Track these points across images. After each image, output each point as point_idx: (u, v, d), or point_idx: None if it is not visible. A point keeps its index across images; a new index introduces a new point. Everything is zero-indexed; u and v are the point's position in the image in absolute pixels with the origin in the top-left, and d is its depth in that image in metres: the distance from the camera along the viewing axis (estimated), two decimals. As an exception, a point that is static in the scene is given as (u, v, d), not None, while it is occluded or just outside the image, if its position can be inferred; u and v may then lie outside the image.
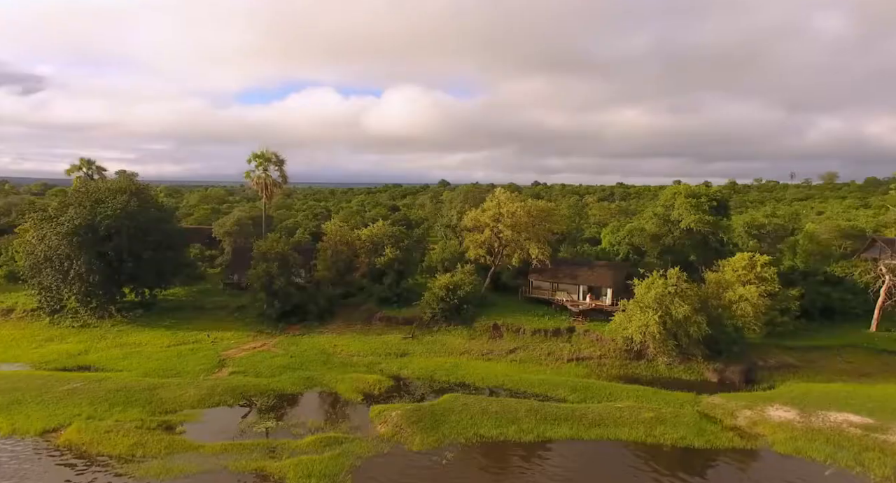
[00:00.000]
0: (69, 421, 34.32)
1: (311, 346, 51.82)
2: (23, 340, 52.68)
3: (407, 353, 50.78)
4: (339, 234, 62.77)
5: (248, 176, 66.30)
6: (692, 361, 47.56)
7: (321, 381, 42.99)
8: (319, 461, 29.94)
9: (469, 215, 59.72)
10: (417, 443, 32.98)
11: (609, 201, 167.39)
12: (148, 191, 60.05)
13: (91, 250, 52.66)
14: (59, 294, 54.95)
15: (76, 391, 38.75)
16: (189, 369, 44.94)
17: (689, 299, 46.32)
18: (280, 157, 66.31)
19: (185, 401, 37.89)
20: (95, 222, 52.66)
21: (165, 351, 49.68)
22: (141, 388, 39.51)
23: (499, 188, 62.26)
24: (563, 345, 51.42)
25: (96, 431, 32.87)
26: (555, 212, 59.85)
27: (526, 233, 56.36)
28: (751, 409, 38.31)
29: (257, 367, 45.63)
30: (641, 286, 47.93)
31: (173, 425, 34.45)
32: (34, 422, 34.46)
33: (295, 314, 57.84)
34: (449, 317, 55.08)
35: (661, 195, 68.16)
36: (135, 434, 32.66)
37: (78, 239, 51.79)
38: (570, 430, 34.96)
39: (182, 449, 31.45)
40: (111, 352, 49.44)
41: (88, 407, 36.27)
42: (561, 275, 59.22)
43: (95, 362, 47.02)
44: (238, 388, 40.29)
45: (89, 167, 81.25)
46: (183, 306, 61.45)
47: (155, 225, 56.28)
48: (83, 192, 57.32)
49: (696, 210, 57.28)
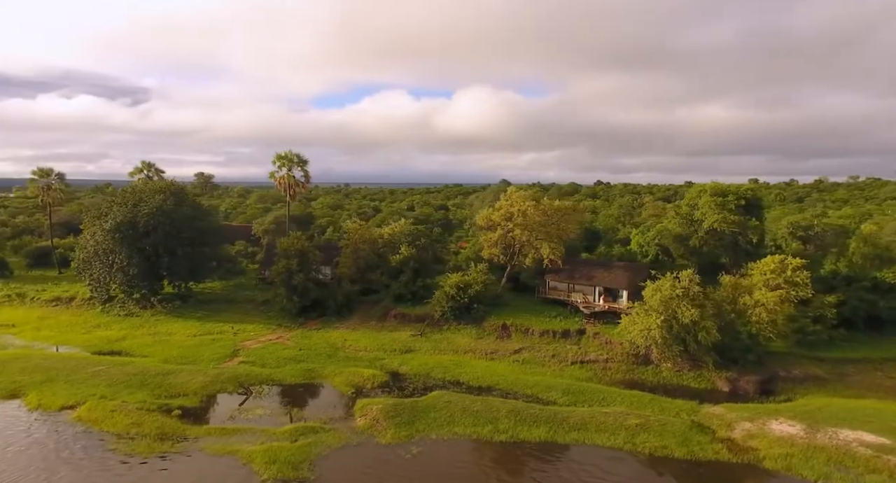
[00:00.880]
0: (85, 399, 37.95)
1: (323, 340, 53.91)
2: (76, 326, 58.44)
3: (412, 350, 51.66)
4: (359, 232, 64.62)
5: (273, 176, 69.75)
6: (703, 369, 45.17)
7: (320, 374, 44.75)
8: (288, 448, 31.42)
9: (481, 214, 59.61)
10: (389, 436, 33.76)
11: (673, 201, 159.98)
12: (184, 192, 64.69)
13: (131, 246, 57.63)
14: (106, 285, 60.46)
15: (100, 373, 42.68)
16: (205, 357, 48.17)
17: (697, 303, 44.07)
18: (302, 158, 69.24)
19: (190, 387, 40.75)
20: (135, 220, 57.53)
21: (190, 340, 53.47)
22: (155, 373, 42.91)
23: (511, 187, 61.67)
24: (570, 347, 50.37)
25: (103, 410, 36.20)
26: (571, 211, 58.45)
27: (537, 232, 55.53)
28: (751, 422, 36.02)
29: (265, 358, 48.15)
30: (650, 288, 46.07)
31: (171, 408, 37.20)
32: (57, 398, 38.42)
33: (315, 309, 60.29)
34: (459, 315, 55.37)
35: (687, 194, 64.70)
36: (135, 415, 35.66)
37: (119, 235, 56.88)
38: (547, 433, 34.43)
39: (171, 430, 34.01)
40: (144, 339, 53.87)
41: (105, 388, 39.90)
42: (577, 275, 57.87)
43: (128, 348, 51.41)
44: (240, 377, 42.80)
45: (149, 169, 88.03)
46: (216, 299, 65.64)
47: (188, 223, 60.57)
48: (129, 192, 62.73)
49: (721, 209, 54.03)
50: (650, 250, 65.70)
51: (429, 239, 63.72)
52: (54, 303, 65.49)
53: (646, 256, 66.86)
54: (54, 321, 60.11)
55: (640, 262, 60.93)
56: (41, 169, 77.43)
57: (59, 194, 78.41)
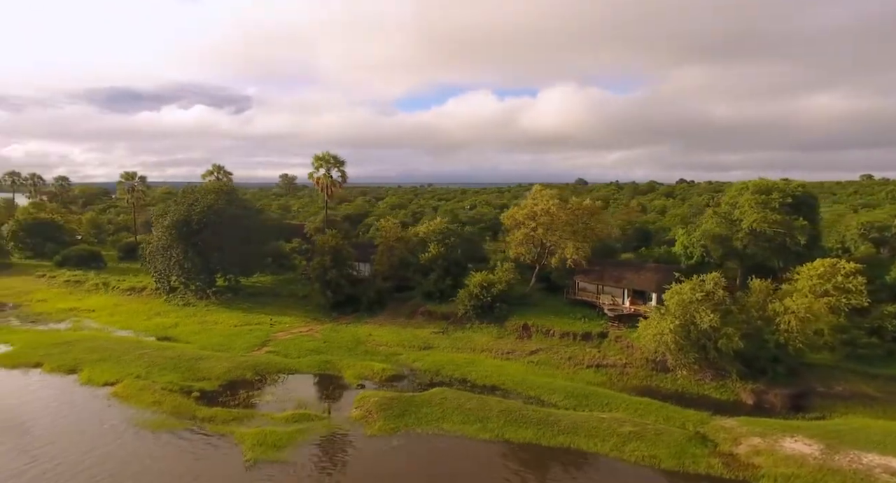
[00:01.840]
0: (124, 378, 42.49)
1: (349, 334, 56.17)
2: (140, 313, 65.11)
3: (431, 347, 52.53)
4: (392, 231, 66.44)
5: (311, 177, 73.27)
6: (726, 379, 42.21)
7: (335, 366, 46.81)
8: (278, 433, 33.48)
9: (506, 213, 59.17)
10: (376, 428, 34.91)
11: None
12: (235, 192, 69.85)
13: (186, 242, 63.27)
14: (167, 277, 66.78)
15: (144, 356, 47.47)
16: (237, 346, 51.98)
17: (722, 308, 41.25)
18: (339, 158, 72.17)
19: (213, 372, 44.29)
20: (189, 218, 63.08)
21: (230, 329, 57.81)
22: (189, 358, 47.03)
23: (536, 185, 60.56)
24: (589, 350, 48.93)
25: (134, 388, 40.41)
26: (599, 211, 56.48)
27: (562, 232, 54.27)
28: (762, 437, 33.37)
29: (290, 348, 51.09)
30: (670, 291, 43.75)
31: (191, 390, 40.73)
32: (103, 375, 43.32)
33: (349, 304, 62.92)
34: (482, 314, 55.48)
35: (728, 191, 60.08)
36: (158, 394, 39.46)
37: (176, 232, 62.67)
38: (534, 435, 34.01)
39: (185, 410, 37.31)
40: (192, 327, 58.99)
41: (143, 369, 44.36)
42: (606, 277, 55.92)
43: (176, 334, 56.59)
44: (260, 365, 45.83)
45: (219, 171, 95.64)
46: (264, 292, 70.24)
47: (237, 221, 65.40)
48: (188, 192, 68.83)
49: (763, 208, 49.88)
50: (695, 252, 61.83)
51: (458, 237, 64.11)
52: (129, 292, 73.29)
53: (690, 258, 63.00)
54: (125, 308, 67.32)
55: (674, 264, 57.57)
56: (126, 173, 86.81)
57: (141, 195, 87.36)
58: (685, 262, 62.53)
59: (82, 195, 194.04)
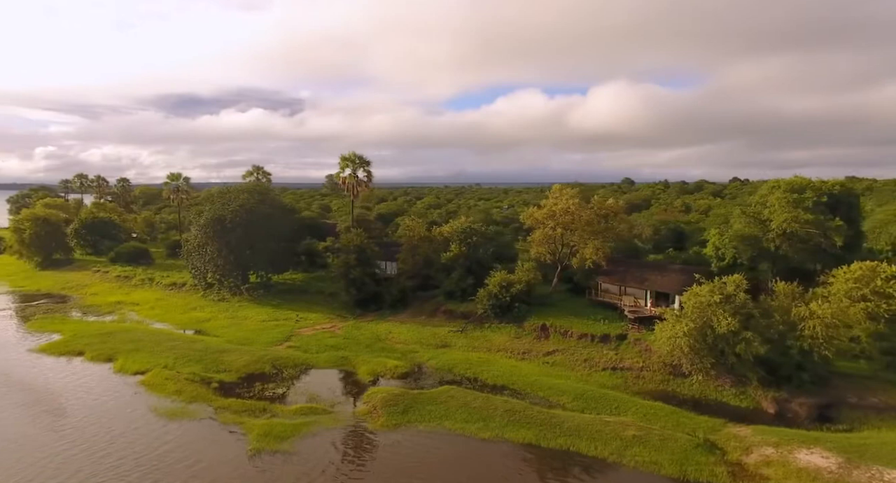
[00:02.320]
0: (152, 368, 45.01)
1: (370, 331, 57.23)
2: (178, 307, 68.61)
3: (448, 346, 52.82)
4: (417, 230, 67.09)
5: (338, 177, 74.77)
6: (747, 386, 40.38)
7: (351, 362, 47.85)
8: (284, 425, 34.65)
9: (526, 213, 58.61)
10: (379, 423, 35.57)
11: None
12: (268, 192, 72.38)
13: (220, 239, 66.14)
14: (203, 274, 70.01)
15: (174, 347, 50.07)
16: (261, 340, 53.96)
17: (743, 312, 39.49)
18: (364, 159, 73.37)
19: (234, 364, 46.19)
20: (223, 217, 65.91)
21: (258, 324, 60.06)
22: (214, 351, 49.24)
23: (556, 185, 59.55)
24: (606, 352, 47.92)
25: (160, 378, 42.75)
26: (621, 211, 55.02)
27: (581, 231, 53.26)
28: (776, 448, 31.85)
29: (311, 344, 52.56)
30: (687, 293, 42.27)
31: (211, 381, 42.70)
32: (135, 365, 46.04)
33: (373, 302, 64.08)
34: (500, 314, 55.27)
35: (759, 190, 57.04)
36: (181, 384, 41.59)
37: (209, 230, 65.62)
38: (534, 436, 33.75)
39: (202, 399, 39.18)
40: (222, 321, 61.66)
41: (171, 359, 46.79)
42: (629, 278, 54.52)
43: (207, 328, 59.30)
44: (279, 360, 47.43)
45: (259, 172, 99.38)
46: (294, 289, 72.44)
47: (267, 220, 67.76)
48: (224, 192, 71.91)
49: (794, 207, 47.28)
50: (727, 253, 59.28)
51: (481, 237, 63.99)
52: (171, 287, 77.30)
53: (722, 260, 60.46)
54: (166, 302, 71.08)
55: (703, 266, 55.33)
56: (172, 174, 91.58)
57: (185, 195, 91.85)
58: (716, 264, 60.08)
59: (142, 196, 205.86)
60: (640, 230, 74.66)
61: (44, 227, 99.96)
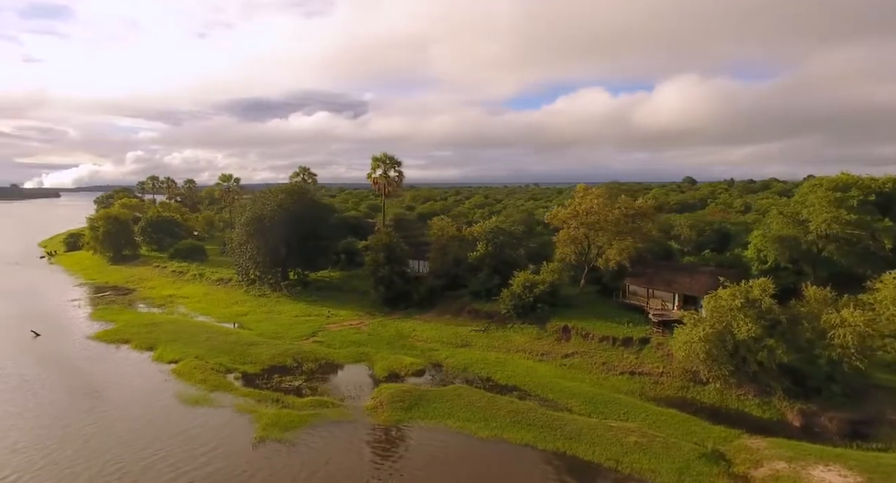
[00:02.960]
0: (185, 357, 47.99)
1: (394, 329, 58.25)
2: (221, 302, 72.54)
3: (468, 345, 52.94)
4: (447, 229, 67.50)
5: (370, 177, 76.24)
6: (772, 396, 38.01)
7: (369, 358, 49.00)
8: (292, 416, 36.10)
9: (550, 212, 57.57)
10: (382, 418, 36.35)
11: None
12: (304, 192, 75.04)
13: (259, 237, 69.37)
14: (245, 270, 73.65)
15: (209, 339, 53.12)
16: (290, 335, 56.19)
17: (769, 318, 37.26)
18: (395, 159, 74.46)
19: (259, 357, 48.46)
20: (262, 216, 69.10)
21: (291, 319, 62.50)
22: (244, 343, 51.84)
23: (580, 184, 57.99)
24: (626, 356, 46.49)
25: (189, 367, 45.52)
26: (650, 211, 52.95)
27: (606, 232, 51.78)
28: (789, 462, 29.98)
29: (335, 340, 54.22)
30: (708, 297, 40.34)
31: (234, 371, 45.06)
32: (170, 354, 49.26)
33: (401, 300, 65.15)
34: (523, 314, 54.76)
35: (800, 189, 53.07)
36: (206, 373, 44.12)
37: (249, 228, 68.97)
38: (533, 437, 33.46)
39: (223, 388, 41.43)
40: (258, 316, 64.65)
41: (203, 350, 49.70)
42: (657, 280, 52.52)
43: (245, 322, 62.39)
44: (302, 353, 49.25)
45: (304, 173, 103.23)
46: (329, 287, 74.80)
47: (303, 219, 70.34)
48: (267, 192, 75.29)
49: (837, 207, 43.92)
50: (769, 255, 55.88)
51: (509, 237, 63.50)
52: (218, 282, 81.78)
53: (764, 263, 57.04)
54: (212, 297, 75.34)
55: (732, 269, 52.33)
56: (223, 175, 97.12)
57: (235, 195, 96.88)
58: (758, 267, 56.88)
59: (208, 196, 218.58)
60: (679, 231, 71.76)
61: (114, 225, 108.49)
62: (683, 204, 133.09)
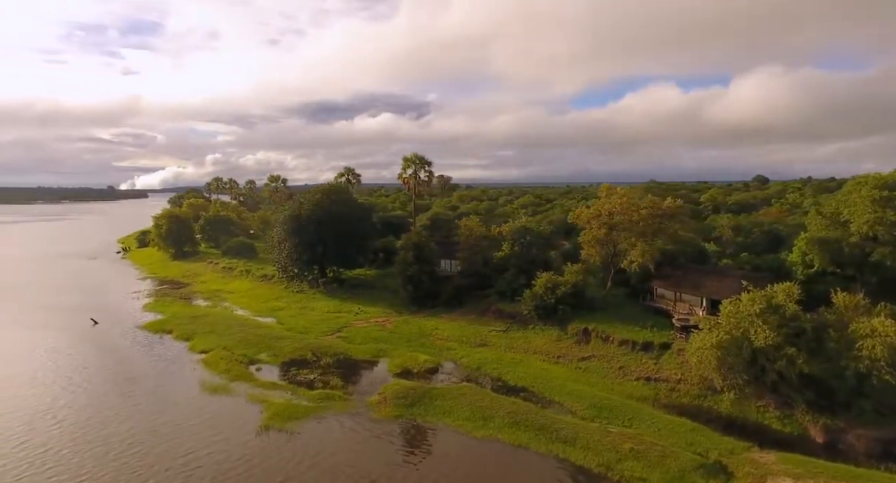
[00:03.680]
0: (214, 348, 50.84)
1: (417, 327, 58.95)
2: (262, 296, 76.04)
3: (486, 345, 52.81)
4: (476, 229, 67.47)
5: (400, 177, 77.13)
6: (795, 409, 35.50)
7: (386, 355, 49.92)
8: (298, 407, 37.58)
9: (574, 213, 56.16)
10: (382, 413, 37.11)
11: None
12: (340, 191, 77.20)
13: (296, 236, 72.16)
14: (284, 267, 76.81)
15: (241, 332, 55.97)
16: (317, 330, 58.17)
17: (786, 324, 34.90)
18: (426, 160, 74.97)
19: (284, 349, 50.54)
20: (299, 214, 71.83)
21: (322, 315, 64.63)
22: (272, 337, 54.25)
23: (604, 184, 56.07)
24: (645, 361, 44.83)
25: (216, 358, 48.23)
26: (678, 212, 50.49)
27: (627, 232, 49.97)
28: (796, 480, 28.12)
29: (357, 336, 55.60)
30: (726, 301, 38.24)
31: (254, 362, 47.31)
32: (203, 345, 52.34)
33: (430, 299, 65.81)
34: (544, 316, 53.93)
35: (843, 188, 48.65)
36: (230, 364, 46.59)
37: (286, 227, 71.88)
38: (527, 439, 33.16)
39: (243, 378, 43.61)
40: (292, 311, 67.26)
41: (233, 342, 52.42)
42: (684, 283, 50.22)
43: (278, 316, 65.10)
44: (322, 348, 50.87)
45: (349, 173, 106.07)
46: (363, 285, 76.62)
47: (338, 218, 72.44)
48: (305, 192, 78.16)
49: (882, 207, 40.26)
50: (815, 259, 52.00)
51: (536, 237, 62.58)
52: (262, 278, 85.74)
53: (810, 267, 53.13)
54: (254, 292, 79.14)
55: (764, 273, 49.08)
56: (272, 176, 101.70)
57: (282, 195, 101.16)
58: (802, 271, 53.15)
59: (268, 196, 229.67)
60: (720, 232, 68.22)
61: (175, 223, 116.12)
62: (743, 204, 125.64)
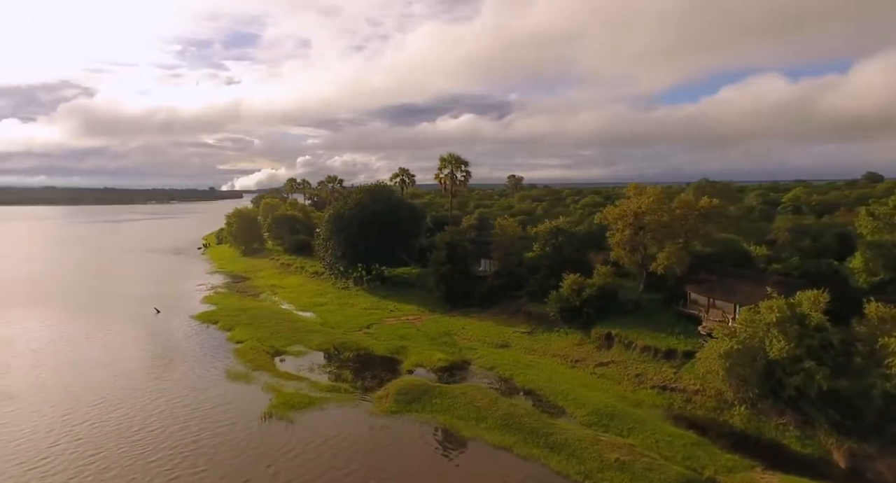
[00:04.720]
0: (248, 339, 54.11)
1: (445, 326, 59.32)
2: (309, 292, 79.66)
3: (507, 346, 52.25)
4: (512, 230, 66.74)
5: (437, 177, 77.30)
6: (817, 429, 32.23)
7: (405, 352, 50.74)
8: (304, 397, 39.29)
9: (601, 213, 53.87)
10: (382, 408, 37.94)
11: None
12: (382, 191, 79.03)
13: (340, 234, 74.95)
14: (330, 264, 79.98)
15: (277, 324, 59.17)
16: (348, 325, 60.20)
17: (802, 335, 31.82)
18: (462, 160, 74.69)
19: (311, 343, 52.91)
20: (343, 213, 74.56)
21: (358, 312, 66.68)
22: (305, 331, 56.91)
23: (631, 184, 53.09)
24: (665, 369, 42.46)
25: (247, 347, 51.36)
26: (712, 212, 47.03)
27: (657, 233, 47.28)
28: (793, 506, 25.62)
29: (383, 332, 56.93)
30: (744, 309, 35.41)
31: (280, 353, 49.87)
32: (240, 335, 55.87)
33: (463, 298, 66.01)
34: (569, 318, 52.48)
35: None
36: (257, 354, 49.44)
37: (331, 225, 74.81)
38: (513, 442, 32.75)
39: (265, 368, 46.15)
40: (332, 307, 69.94)
41: (266, 334, 55.52)
42: (718, 289, 46.88)
43: (318, 311, 68.02)
44: (346, 343, 52.67)
45: (404, 174, 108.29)
46: (403, 283, 78.02)
47: (380, 218, 74.36)
48: (352, 192, 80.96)
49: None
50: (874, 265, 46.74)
51: (569, 237, 60.76)
52: (313, 275, 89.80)
53: (875, 275, 47.80)
54: (303, 287, 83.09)
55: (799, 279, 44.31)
56: (329, 177, 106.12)
57: (338, 194, 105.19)
58: (866, 279, 48.15)
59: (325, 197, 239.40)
60: (776, 235, 62.98)
61: (244, 222, 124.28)
62: (826, 204, 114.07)
